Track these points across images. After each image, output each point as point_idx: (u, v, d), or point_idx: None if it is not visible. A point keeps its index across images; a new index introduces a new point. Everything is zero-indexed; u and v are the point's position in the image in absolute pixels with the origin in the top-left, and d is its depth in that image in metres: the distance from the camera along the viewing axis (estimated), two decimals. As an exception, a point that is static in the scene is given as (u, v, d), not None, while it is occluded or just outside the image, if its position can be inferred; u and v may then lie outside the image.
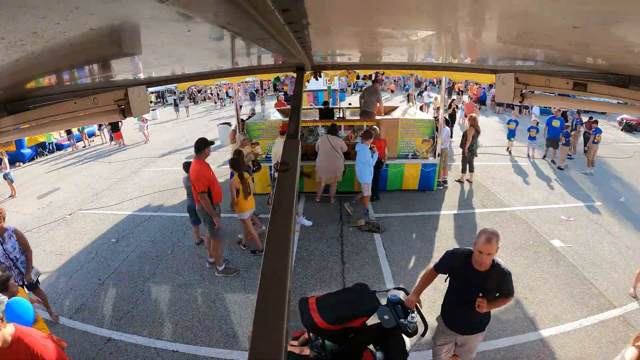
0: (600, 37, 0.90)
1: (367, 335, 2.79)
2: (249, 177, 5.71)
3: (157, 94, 31.16)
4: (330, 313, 2.63)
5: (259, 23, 0.65)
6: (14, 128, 1.61)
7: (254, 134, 7.80)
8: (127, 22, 0.64)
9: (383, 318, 2.76)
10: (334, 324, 2.58)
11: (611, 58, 1.28)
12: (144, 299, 4.63)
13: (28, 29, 0.51)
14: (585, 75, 1.71)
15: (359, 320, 2.70)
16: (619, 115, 16.37)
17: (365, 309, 2.71)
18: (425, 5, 0.79)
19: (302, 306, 2.74)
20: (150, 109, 16.83)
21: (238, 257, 5.52)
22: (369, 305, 2.75)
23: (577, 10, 0.69)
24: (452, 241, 5.84)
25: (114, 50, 0.95)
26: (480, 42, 1.40)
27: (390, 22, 1.04)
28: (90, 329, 4.13)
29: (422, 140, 7.68)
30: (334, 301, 2.80)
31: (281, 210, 0.78)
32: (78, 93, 1.70)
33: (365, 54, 2.59)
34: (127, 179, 10.09)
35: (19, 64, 0.75)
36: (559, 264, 5.18)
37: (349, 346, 2.74)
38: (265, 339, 0.50)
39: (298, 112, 1.42)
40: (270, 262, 0.63)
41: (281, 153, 1.06)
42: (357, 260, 5.28)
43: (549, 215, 6.83)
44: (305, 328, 2.67)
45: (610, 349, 3.65)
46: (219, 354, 3.71)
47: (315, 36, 1.32)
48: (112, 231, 6.65)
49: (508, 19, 0.86)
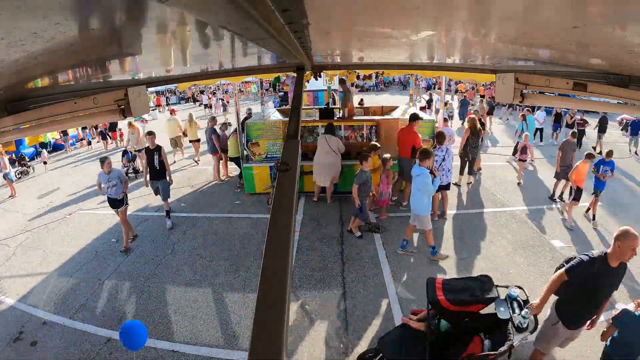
0: (600, 37, 0.90)
1: (480, 322, 3.05)
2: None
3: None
4: (454, 295, 2.99)
5: (259, 23, 0.65)
6: (14, 128, 1.61)
7: (253, 134, 7.80)
8: (127, 22, 0.64)
9: (499, 310, 3.00)
10: (454, 304, 2.93)
11: (611, 58, 1.28)
12: (143, 299, 4.63)
13: (28, 29, 0.51)
14: (585, 75, 1.71)
15: (477, 307, 3.02)
16: (619, 115, 16.36)
17: (486, 297, 3.02)
18: (424, 5, 0.79)
19: (429, 284, 3.13)
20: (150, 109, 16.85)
21: (238, 256, 5.52)
22: (489, 294, 3.05)
23: (577, 10, 0.69)
24: (452, 241, 5.84)
25: (114, 50, 0.95)
26: (480, 42, 1.40)
27: (390, 22, 1.04)
28: (90, 329, 4.13)
29: (422, 141, 7.67)
30: (458, 285, 3.16)
31: (281, 210, 0.78)
32: (78, 93, 1.70)
33: (365, 54, 2.59)
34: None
35: (19, 64, 0.75)
36: (559, 264, 5.18)
37: (461, 329, 3.03)
38: (265, 339, 0.50)
39: (298, 112, 1.42)
40: (270, 262, 0.63)
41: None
42: (357, 260, 5.28)
43: (549, 215, 6.83)
44: (429, 305, 3.01)
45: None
46: (219, 354, 3.72)
47: (315, 36, 1.32)
48: (112, 231, 6.65)
49: (508, 19, 0.86)
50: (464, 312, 3.01)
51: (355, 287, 4.68)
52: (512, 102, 1.88)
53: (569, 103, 2.09)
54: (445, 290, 3.02)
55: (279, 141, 7.73)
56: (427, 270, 4.99)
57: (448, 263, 5.20)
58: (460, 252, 5.49)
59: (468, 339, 3.03)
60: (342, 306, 4.34)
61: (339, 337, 3.85)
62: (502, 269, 5.02)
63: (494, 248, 5.60)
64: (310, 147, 7.24)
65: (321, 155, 6.76)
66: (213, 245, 5.90)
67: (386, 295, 4.51)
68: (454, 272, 4.98)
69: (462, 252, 5.49)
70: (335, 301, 4.43)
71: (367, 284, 4.75)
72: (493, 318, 3.03)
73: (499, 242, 5.80)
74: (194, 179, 9.47)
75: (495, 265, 5.13)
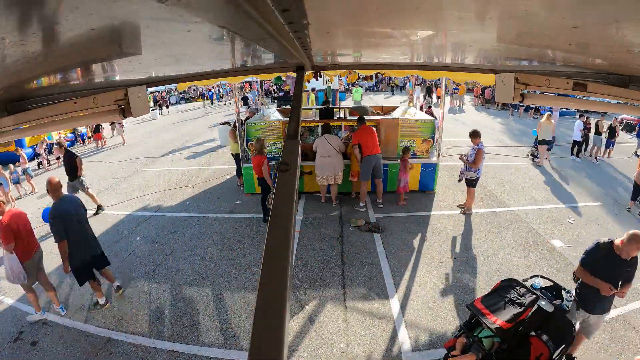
0: (600, 37, 0.90)
1: (531, 323, 3.01)
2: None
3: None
4: (505, 313, 2.97)
5: (259, 23, 0.65)
6: (14, 128, 1.61)
7: (253, 134, 7.79)
8: (127, 22, 0.64)
9: (541, 304, 3.02)
10: (511, 322, 2.90)
11: (611, 58, 1.28)
12: (144, 299, 4.63)
13: (28, 29, 0.51)
14: (585, 75, 1.71)
15: (526, 312, 2.99)
16: (619, 115, 16.36)
17: (530, 300, 3.03)
18: (425, 5, 0.79)
19: (474, 309, 3.10)
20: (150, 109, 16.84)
21: (238, 256, 5.52)
22: (530, 296, 3.07)
23: (577, 10, 0.69)
24: (453, 241, 5.85)
25: (114, 50, 0.95)
26: (480, 42, 1.40)
27: (390, 22, 1.04)
28: (90, 329, 4.13)
29: (422, 141, 7.68)
30: (498, 301, 3.13)
31: (281, 210, 0.78)
32: (78, 93, 1.70)
33: (366, 54, 2.59)
34: (127, 179, 10.09)
35: (19, 64, 0.75)
36: (559, 264, 5.18)
37: (513, 338, 2.95)
38: (265, 339, 0.50)
39: (298, 112, 1.42)
40: (270, 262, 0.63)
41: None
42: (357, 260, 5.28)
43: (549, 215, 6.83)
44: (492, 332, 2.93)
45: (611, 349, 3.65)
46: (219, 354, 3.71)
47: (315, 36, 1.32)
48: (112, 231, 6.65)
49: (508, 19, 0.86)
50: (519, 322, 2.95)
51: (355, 287, 4.68)
52: (512, 102, 1.88)
53: (569, 103, 2.09)
54: (495, 313, 3.00)
55: (279, 141, 7.73)
56: (427, 270, 5.00)
57: (448, 263, 5.21)
58: (460, 252, 5.49)
59: (527, 345, 2.93)
60: (342, 306, 4.35)
61: (338, 337, 3.85)
62: (502, 269, 5.02)
63: (493, 248, 5.60)
64: (310, 147, 7.25)
65: (323, 155, 6.76)
66: (213, 245, 5.90)
67: (386, 296, 4.51)
68: (454, 272, 4.98)
69: (461, 252, 5.49)
70: (335, 301, 4.43)
71: (367, 284, 4.75)
72: (540, 313, 3.00)
73: (499, 242, 5.80)
74: (194, 179, 9.47)
75: (496, 265, 5.13)
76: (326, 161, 6.76)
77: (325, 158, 6.74)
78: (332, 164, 6.78)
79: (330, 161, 6.75)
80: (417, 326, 4.01)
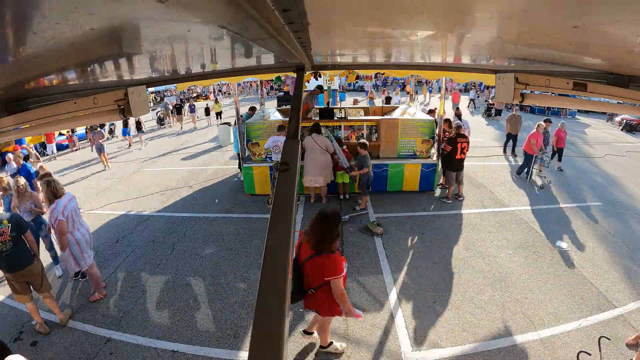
0: (600, 37, 0.90)
1: None
2: None
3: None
4: None
5: (259, 23, 0.65)
6: (14, 128, 1.61)
7: (253, 134, 7.79)
8: (126, 22, 0.64)
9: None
10: None
11: (611, 58, 1.28)
12: (144, 299, 4.63)
13: (28, 29, 0.51)
14: (585, 75, 1.72)
15: None
16: (619, 116, 16.37)
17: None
18: (425, 5, 0.79)
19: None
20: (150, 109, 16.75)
21: (238, 256, 5.52)
22: None
23: (577, 10, 0.68)
24: (453, 241, 5.84)
25: (114, 50, 0.95)
26: (480, 42, 1.40)
27: (390, 22, 1.04)
28: (90, 329, 4.13)
29: (422, 141, 7.68)
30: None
31: (281, 210, 0.78)
32: (78, 93, 1.71)
33: (366, 54, 2.59)
34: (127, 179, 10.09)
35: (19, 64, 0.75)
36: (559, 264, 5.18)
37: None
38: (265, 339, 0.50)
39: (298, 112, 1.42)
40: (270, 262, 0.63)
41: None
42: (357, 260, 5.28)
43: (549, 215, 6.83)
44: None
45: (610, 349, 3.65)
46: (219, 354, 3.71)
47: (315, 36, 1.32)
48: (112, 231, 6.65)
49: (508, 19, 0.86)
50: None
51: (355, 287, 4.68)
52: (512, 102, 1.88)
53: (569, 103, 2.09)
54: None
55: None
56: (427, 270, 5.00)
57: (448, 263, 5.21)
58: (460, 252, 5.49)
59: None
60: (342, 306, 4.34)
61: (338, 337, 3.85)
62: (502, 269, 5.02)
63: (493, 248, 5.60)
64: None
65: (311, 155, 6.76)
66: (213, 245, 5.90)
67: (386, 295, 4.51)
68: (454, 272, 4.98)
69: (461, 252, 5.49)
70: (335, 301, 4.42)
71: (367, 283, 4.74)
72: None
73: (499, 242, 5.80)
74: (194, 179, 9.47)
75: (496, 265, 5.13)
76: (314, 161, 6.77)
77: (314, 158, 6.75)
78: (320, 164, 6.78)
79: (317, 161, 6.75)
80: (417, 326, 4.01)
